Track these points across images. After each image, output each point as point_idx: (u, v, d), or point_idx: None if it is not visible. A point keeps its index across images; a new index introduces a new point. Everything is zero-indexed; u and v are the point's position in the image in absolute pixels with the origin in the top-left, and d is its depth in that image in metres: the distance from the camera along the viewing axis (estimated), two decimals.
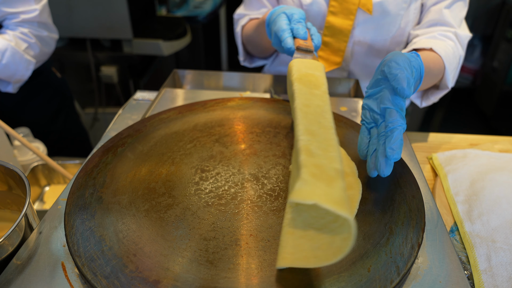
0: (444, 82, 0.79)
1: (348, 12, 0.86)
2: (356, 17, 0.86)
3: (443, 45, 0.78)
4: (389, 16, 0.85)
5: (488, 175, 0.69)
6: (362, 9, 0.85)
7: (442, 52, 0.76)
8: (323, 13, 0.89)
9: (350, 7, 0.85)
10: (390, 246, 0.45)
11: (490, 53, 2.69)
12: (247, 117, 0.71)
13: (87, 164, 0.59)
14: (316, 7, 0.88)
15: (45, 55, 1.13)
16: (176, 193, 0.54)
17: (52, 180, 0.99)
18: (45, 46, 1.10)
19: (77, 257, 0.44)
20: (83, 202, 0.52)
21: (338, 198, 0.37)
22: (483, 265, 0.54)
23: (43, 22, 1.07)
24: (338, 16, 0.87)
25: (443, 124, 2.50)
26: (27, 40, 1.03)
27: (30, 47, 1.04)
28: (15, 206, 0.59)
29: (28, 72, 1.05)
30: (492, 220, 0.60)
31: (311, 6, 0.89)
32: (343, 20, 0.86)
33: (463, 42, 0.83)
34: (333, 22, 0.87)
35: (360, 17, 0.86)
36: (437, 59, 0.76)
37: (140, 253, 0.45)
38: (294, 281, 0.42)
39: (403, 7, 0.84)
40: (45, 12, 1.08)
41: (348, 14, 0.86)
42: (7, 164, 0.54)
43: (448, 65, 0.76)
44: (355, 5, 0.85)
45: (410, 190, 0.54)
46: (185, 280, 0.42)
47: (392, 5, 0.84)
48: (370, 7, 0.84)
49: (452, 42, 0.80)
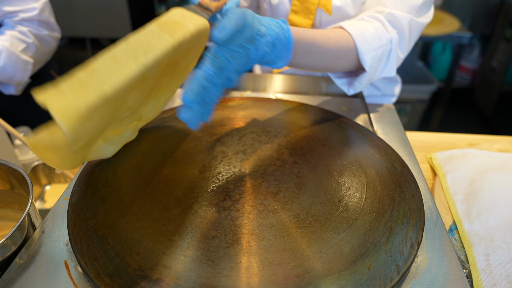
0: (360, 63, 0.72)
1: (308, 11, 0.87)
2: (317, 17, 0.88)
3: (362, 24, 0.72)
4: (349, 17, 0.85)
5: (487, 175, 0.70)
6: (322, 9, 0.86)
7: (352, 29, 0.70)
8: (287, 12, 0.91)
9: (310, 7, 0.87)
10: (390, 245, 0.46)
11: (489, 53, 2.70)
12: (247, 116, 0.72)
13: (89, 163, 0.59)
14: (282, 6, 0.91)
15: (45, 55, 1.12)
16: (178, 192, 0.54)
17: (53, 179, 0.99)
18: (45, 45, 1.09)
19: (80, 255, 0.44)
20: (85, 201, 0.52)
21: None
22: (482, 264, 0.54)
23: (44, 20, 1.06)
24: (299, 15, 0.88)
25: (441, 124, 2.50)
26: (25, 40, 1.02)
27: (28, 47, 1.03)
28: (17, 205, 0.59)
29: (27, 72, 1.04)
30: (490, 219, 0.61)
31: (277, 5, 0.92)
32: (303, 19, 0.88)
33: (401, 24, 0.74)
34: (294, 20, 0.89)
35: (322, 17, 0.87)
36: (344, 37, 0.70)
37: (143, 252, 0.45)
38: (295, 279, 0.42)
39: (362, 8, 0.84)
40: (46, 10, 1.07)
41: (308, 14, 0.87)
42: (9, 163, 0.54)
43: (361, 43, 0.69)
44: (315, 5, 0.86)
45: (409, 190, 0.54)
46: (187, 278, 0.42)
47: (351, 8, 0.84)
48: (329, 7, 0.85)
49: (378, 23, 0.73)
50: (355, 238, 0.47)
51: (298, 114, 0.73)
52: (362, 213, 0.51)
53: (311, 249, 0.46)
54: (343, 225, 0.49)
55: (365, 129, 0.68)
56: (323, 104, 0.82)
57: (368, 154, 0.62)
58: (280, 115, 0.72)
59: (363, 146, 0.64)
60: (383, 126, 0.76)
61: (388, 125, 0.77)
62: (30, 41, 1.03)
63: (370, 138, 0.65)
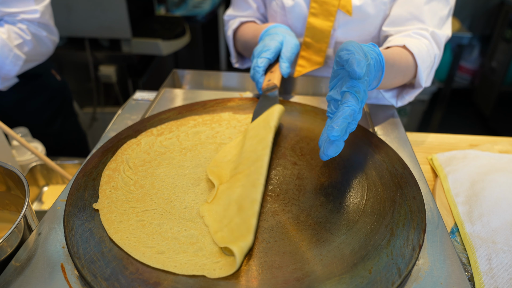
0: (417, 81, 0.78)
1: (328, 13, 0.87)
2: (336, 19, 0.87)
3: (417, 43, 0.77)
4: (369, 18, 0.86)
5: (488, 176, 0.69)
6: (342, 10, 0.85)
7: (414, 50, 0.75)
8: (304, 15, 0.90)
9: (330, 9, 0.86)
10: (391, 248, 0.45)
11: (489, 53, 2.70)
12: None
13: (86, 165, 0.59)
14: (297, 9, 0.90)
15: (41, 56, 1.11)
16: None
17: (50, 180, 0.99)
18: (42, 46, 1.08)
19: (77, 258, 0.44)
20: (82, 203, 0.51)
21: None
22: (484, 267, 0.54)
23: (44, 23, 1.05)
24: (319, 18, 0.88)
25: (441, 124, 2.50)
26: (23, 36, 1.01)
27: (24, 43, 1.02)
28: (14, 206, 0.59)
29: (15, 67, 1.02)
30: (492, 221, 0.60)
31: (293, 8, 0.90)
32: (324, 22, 0.88)
33: (440, 41, 0.81)
34: (313, 23, 0.88)
35: (341, 18, 0.87)
36: (408, 55, 0.75)
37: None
38: (295, 282, 0.42)
39: (382, 8, 0.85)
40: (47, 13, 1.07)
41: (328, 16, 0.87)
42: (5, 165, 0.54)
43: (421, 63, 0.75)
44: (335, 7, 0.85)
45: (410, 191, 0.54)
46: (185, 282, 0.42)
47: (371, 7, 0.84)
48: (349, 8, 0.85)
49: (426, 40, 0.79)
50: (356, 241, 0.46)
51: (298, 115, 0.72)
52: (363, 215, 0.50)
53: (311, 252, 0.45)
54: (343, 227, 0.49)
55: (365, 129, 0.67)
56: (322, 104, 0.81)
57: (368, 155, 0.61)
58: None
59: (364, 147, 0.63)
60: (384, 127, 0.76)
61: (388, 125, 0.76)
62: (27, 38, 1.02)
63: (371, 139, 0.65)
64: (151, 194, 0.53)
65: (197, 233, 0.47)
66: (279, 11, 0.94)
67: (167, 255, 0.44)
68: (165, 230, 0.47)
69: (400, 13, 0.83)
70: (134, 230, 0.47)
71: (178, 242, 0.46)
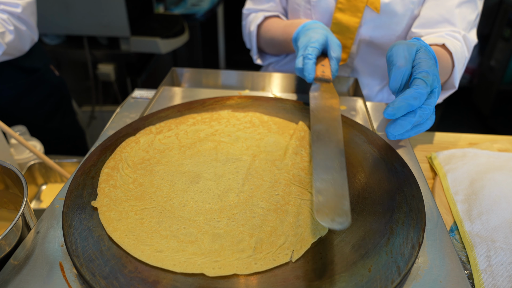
0: (451, 81, 0.78)
1: (355, 9, 0.86)
2: (363, 15, 0.86)
3: (454, 43, 0.77)
4: (397, 16, 0.85)
5: (488, 175, 0.69)
6: (370, 7, 0.84)
7: (453, 49, 0.75)
8: (330, 10, 0.89)
9: (358, 5, 0.85)
10: (391, 246, 0.45)
11: (488, 52, 2.70)
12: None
13: (85, 163, 0.59)
14: (324, 3, 0.89)
15: (17, 51, 1.08)
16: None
17: (49, 178, 0.98)
18: (21, 40, 1.06)
19: (76, 257, 0.43)
20: (81, 201, 0.51)
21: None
22: (483, 265, 0.54)
23: (24, 19, 1.04)
24: (346, 13, 0.87)
25: (440, 123, 2.50)
26: (5, 26, 1.00)
27: (6, 33, 1.01)
28: (12, 205, 0.59)
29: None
30: (491, 219, 0.60)
31: (319, 2, 0.89)
32: (350, 17, 0.86)
33: (470, 45, 0.82)
34: (340, 18, 0.87)
35: (368, 15, 0.86)
36: (446, 55, 0.75)
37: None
38: (294, 281, 0.42)
39: (411, 7, 0.84)
40: (29, 10, 1.05)
41: (356, 12, 0.86)
42: (4, 163, 0.53)
43: (457, 63, 0.76)
44: (363, 3, 0.85)
45: (410, 190, 0.54)
46: (184, 281, 0.41)
47: (400, 6, 0.84)
48: (378, 5, 0.84)
49: (459, 43, 0.80)
50: (355, 239, 0.46)
51: (298, 113, 0.72)
52: (362, 214, 0.50)
53: (310, 250, 0.45)
54: None
55: (364, 128, 0.67)
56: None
57: (368, 153, 0.61)
58: (279, 114, 0.71)
59: (363, 145, 0.63)
60: (383, 125, 0.75)
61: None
62: (10, 28, 1.01)
63: (370, 137, 0.65)
64: (150, 192, 0.53)
65: (196, 231, 0.47)
66: (303, 5, 0.92)
67: (166, 254, 0.44)
68: (164, 228, 0.47)
69: (431, 15, 0.83)
70: (133, 228, 0.47)
71: (177, 240, 0.46)
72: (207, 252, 0.44)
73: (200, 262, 0.43)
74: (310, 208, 0.50)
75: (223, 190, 0.53)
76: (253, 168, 0.57)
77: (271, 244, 0.45)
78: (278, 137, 0.64)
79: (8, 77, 1.15)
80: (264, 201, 0.52)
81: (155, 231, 0.47)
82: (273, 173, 0.57)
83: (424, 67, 0.54)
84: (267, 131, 0.66)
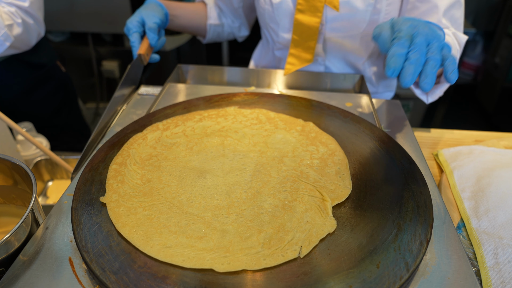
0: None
1: (315, 9, 0.86)
2: (324, 15, 0.86)
3: (451, 40, 0.77)
4: (358, 12, 0.84)
5: (494, 172, 0.69)
6: (329, 6, 0.84)
7: (450, 41, 0.75)
8: (291, 12, 0.89)
9: (317, 5, 0.85)
10: (399, 243, 0.45)
11: (492, 49, 2.68)
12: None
13: (92, 159, 0.59)
14: (284, 5, 0.89)
15: (24, 45, 1.09)
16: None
17: (55, 175, 0.99)
18: (27, 34, 1.07)
19: (85, 252, 0.44)
20: (89, 197, 0.52)
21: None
22: (490, 262, 0.54)
23: (31, 13, 1.05)
24: (306, 14, 0.86)
25: (444, 120, 2.49)
26: (13, 18, 1.01)
27: (15, 25, 1.02)
28: (20, 201, 0.59)
29: (2, 47, 1.01)
30: (498, 216, 0.60)
31: (280, 4, 0.89)
32: (311, 18, 0.86)
33: (461, 42, 0.82)
34: (301, 20, 0.87)
35: (328, 14, 0.86)
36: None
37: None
38: (302, 277, 0.42)
39: (371, 3, 0.83)
40: (36, 4, 1.06)
41: (315, 12, 0.86)
42: (12, 159, 0.54)
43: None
44: (322, 2, 0.84)
45: (417, 187, 0.54)
46: (193, 276, 0.42)
47: (359, 2, 0.83)
48: (336, 4, 0.83)
49: (450, 37, 0.80)
50: (363, 236, 0.46)
51: (304, 110, 0.72)
52: (369, 210, 0.50)
53: (318, 246, 0.45)
54: (351, 222, 0.49)
55: (371, 125, 0.67)
56: (327, 99, 0.81)
57: (374, 150, 0.61)
58: (286, 110, 0.71)
59: (370, 142, 0.63)
60: (390, 122, 0.75)
61: (394, 121, 0.76)
62: (18, 21, 1.01)
63: (377, 134, 0.65)
64: (158, 188, 0.53)
65: (204, 227, 0.47)
66: (267, 8, 0.93)
67: (175, 249, 0.44)
68: (173, 224, 0.47)
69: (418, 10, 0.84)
70: (141, 224, 0.47)
71: (186, 236, 0.46)
72: (216, 248, 0.44)
73: (209, 257, 0.43)
74: (318, 204, 0.51)
75: (231, 186, 0.54)
76: (261, 165, 0.57)
77: (280, 240, 0.46)
78: (285, 133, 0.64)
79: (15, 72, 1.15)
80: (272, 197, 0.52)
81: (163, 227, 0.47)
82: (281, 169, 0.57)
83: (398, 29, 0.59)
84: (274, 127, 0.66)
